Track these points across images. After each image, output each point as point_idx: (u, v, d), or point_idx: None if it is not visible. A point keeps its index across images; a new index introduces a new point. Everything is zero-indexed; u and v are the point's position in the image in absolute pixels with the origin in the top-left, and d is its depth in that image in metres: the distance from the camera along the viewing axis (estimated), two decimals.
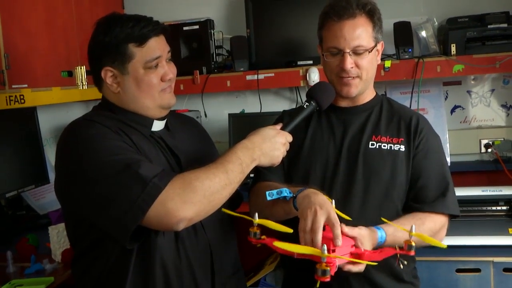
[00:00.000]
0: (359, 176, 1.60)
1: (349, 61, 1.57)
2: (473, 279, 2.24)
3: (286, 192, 1.44)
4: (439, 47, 2.82)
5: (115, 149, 1.32)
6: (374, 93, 1.73)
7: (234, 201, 1.66)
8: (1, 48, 2.02)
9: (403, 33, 2.73)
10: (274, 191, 1.44)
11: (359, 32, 1.56)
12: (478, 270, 2.24)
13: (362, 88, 1.64)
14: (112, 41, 1.41)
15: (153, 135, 1.50)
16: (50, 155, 2.80)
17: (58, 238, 2.02)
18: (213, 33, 3.00)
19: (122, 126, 1.43)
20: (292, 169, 1.67)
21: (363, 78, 1.61)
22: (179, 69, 2.86)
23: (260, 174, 1.70)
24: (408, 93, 2.86)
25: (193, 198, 1.26)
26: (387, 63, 2.70)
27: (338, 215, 1.36)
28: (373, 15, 1.59)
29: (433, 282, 2.07)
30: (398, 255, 1.37)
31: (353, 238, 1.37)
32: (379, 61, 1.68)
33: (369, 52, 1.58)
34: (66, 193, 1.40)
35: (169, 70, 1.48)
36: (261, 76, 2.86)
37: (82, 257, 1.45)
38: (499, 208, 2.47)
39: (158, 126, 1.52)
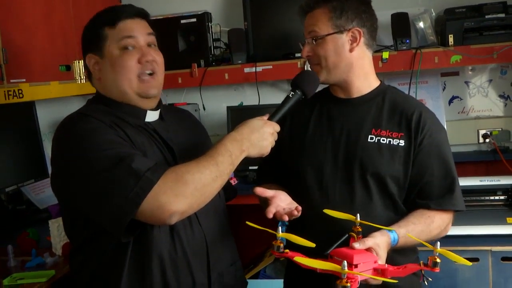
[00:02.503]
0: (357, 171, 1.58)
1: (304, 50, 1.64)
2: (471, 268, 2.26)
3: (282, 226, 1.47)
4: (436, 38, 2.82)
5: (108, 143, 1.33)
6: (377, 83, 1.68)
7: (228, 194, 1.68)
8: None
9: (401, 24, 2.73)
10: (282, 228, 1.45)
11: (313, 21, 1.61)
12: (476, 260, 2.25)
13: (327, 76, 1.61)
14: (89, 27, 1.48)
15: (147, 127, 1.50)
16: (49, 149, 2.78)
17: (58, 231, 2.02)
18: (211, 26, 2.99)
19: (116, 120, 1.43)
20: (295, 161, 1.68)
21: (322, 65, 1.60)
22: (177, 63, 2.89)
23: (259, 177, 1.82)
24: (406, 84, 2.86)
25: (185, 191, 1.28)
26: (385, 55, 2.70)
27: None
28: (328, 2, 1.59)
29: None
30: (423, 272, 1.36)
31: (368, 249, 1.36)
32: (357, 50, 1.60)
33: (323, 38, 1.58)
34: (61, 188, 1.42)
35: (149, 53, 1.47)
36: (259, 69, 2.86)
37: (79, 251, 1.46)
38: (497, 197, 2.49)
39: (151, 116, 1.53)
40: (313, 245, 1.34)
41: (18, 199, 2.65)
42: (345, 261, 1.21)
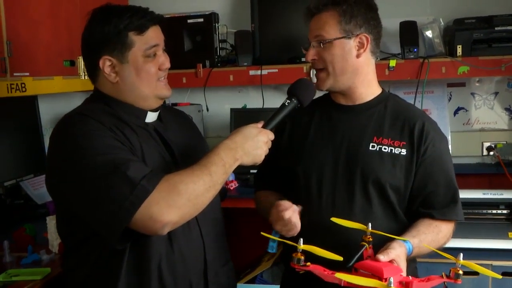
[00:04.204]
0: (358, 179, 1.57)
1: (310, 53, 1.59)
2: (471, 282, 2.24)
3: (274, 234, 1.50)
4: (444, 48, 2.80)
5: (106, 148, 1.32)
6: (379, 91, 1.67)
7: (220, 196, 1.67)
8: (3, 36, 2.00)
9: (409, 33, 2.72)
10: (272, 244, 1.49)
11: (321, 24, 1.57)
12: (476, 273, 2.23)
13: (333, 83, 1.59)
14: (111, 30, 1.42)
15: (147, 127, 1.50)
16: None
17: (55, 228, 2.00)
18: (218, 27, 2.98)
19: (116, 122, 1.42)
20: (294, 168, 1.66)
21: (330, 72, 1.58)
22: (182, 62, 2.87)
23: (257, 183, 1.81)
24: (412, 93, 2.84)
25: (178, 202, 1.27)
26: (392, 63, 2.68)
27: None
28: (338, 6, 1.56)
29: None
30: (445, 283, 1.35)
31: (391, 261, 1.35)
32: (364, 56, 1.59)
33: (331, 43, 1.55)
34: (56, 190, 1.41)
35: (167, 60, 1.49)
36: (264, 72, 2.85)
37: (74, 252, 1.45)
38: (499, 211, 2.46)
39: (151, 117, 1.52)
40: (340, 258, 1.31)
41: (17, 193, 2.63)
42: (392, 278, 1.19)
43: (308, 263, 1.34)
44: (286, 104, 1.53)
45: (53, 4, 2.34)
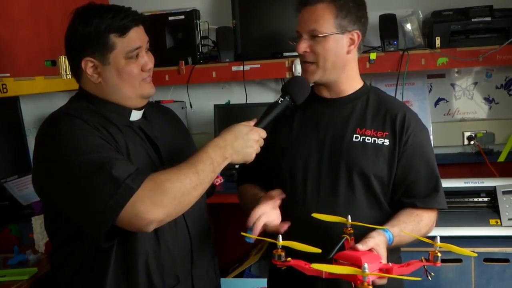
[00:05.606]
0: (342, 170, 1.59)
1: (302, 45, 1.57)
2: (454, 269, 2.28)
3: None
4: (423, 40, 2.83)
5: (91, 147, 1.32)
6: (361, 84, 1.69)
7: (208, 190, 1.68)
8: None
9: (389, 26, 2.74)
10: (249, 232, 1.48)
11: (315, 17, 1.55)
12: (459, 261, 2.27)
13: (322, 76, 1.60)
14: (92, 32, 1.40)
15: (132, 126, 1.50)
16: (33, 145, 2.76)
17: (41, 228, 2.00)
18: (199, 24, 2.98)
19: (101, 120, 1.42)
20: (278, 162, 1.67)
21: (320, 65, 1.58)
22: (164, 60, 2.87)
23: (241, 177, 1.80)
24: (393, 85, 2.88)
25: (163, 200, 1.28)
26: (372, 55, 2.71)
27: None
28: (335, 1, 1.56)
29: (415, 272, 2.10)
30: (425, 267, 1.37)
31: (370, 250, 1.36)
32: (352, 52, 1.61)
33: (325, 37, 1.55)
34: (42, 188, 1.41)
35: (149, 60, 1.48)
36: (246, 67, 2.86)
37: (62, 248, 1.46)
38: (480, 199, 2.50)
39: (136, 115, 1.52)
40: (319, 250, 1.32)
41: (1, 195, 2.61)
42: (366, 264, 1.20)
43: (289, 259, 1.35)
44: (279, 102, 1.53)
45: (34, 3, 2.32)
